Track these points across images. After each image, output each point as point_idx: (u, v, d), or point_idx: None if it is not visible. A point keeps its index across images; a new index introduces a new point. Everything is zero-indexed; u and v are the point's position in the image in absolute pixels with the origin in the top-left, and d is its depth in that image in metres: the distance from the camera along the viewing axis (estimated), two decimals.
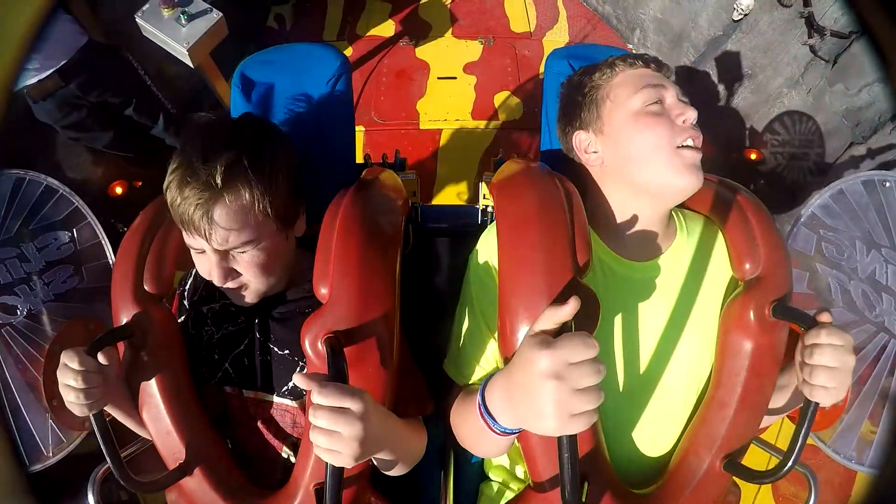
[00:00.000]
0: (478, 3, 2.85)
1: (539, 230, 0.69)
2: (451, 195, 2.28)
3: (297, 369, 0.81)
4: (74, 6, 1.86)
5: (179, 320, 0.87)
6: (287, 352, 0.82)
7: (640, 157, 0.75)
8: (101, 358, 0.72)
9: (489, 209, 1.11)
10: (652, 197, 0.77)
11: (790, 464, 0.66)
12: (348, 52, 2.68)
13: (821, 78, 2.15)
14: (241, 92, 0.98)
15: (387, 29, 2.74)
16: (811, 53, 2.13)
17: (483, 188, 1.10)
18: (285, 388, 0.82)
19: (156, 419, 0.78)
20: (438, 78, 2.59)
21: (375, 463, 0.77)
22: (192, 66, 1.93)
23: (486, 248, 0.80)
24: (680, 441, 0.79)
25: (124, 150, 2.11)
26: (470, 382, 0.82)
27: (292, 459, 0.80)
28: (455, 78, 2.59)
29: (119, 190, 2.03)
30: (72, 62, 1.77)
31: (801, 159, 2.21)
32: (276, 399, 0.82)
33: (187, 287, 0.91)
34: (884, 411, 1.22)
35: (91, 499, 0.79)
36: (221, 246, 0.73)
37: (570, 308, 0.57)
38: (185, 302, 0.90)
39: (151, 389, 0.77)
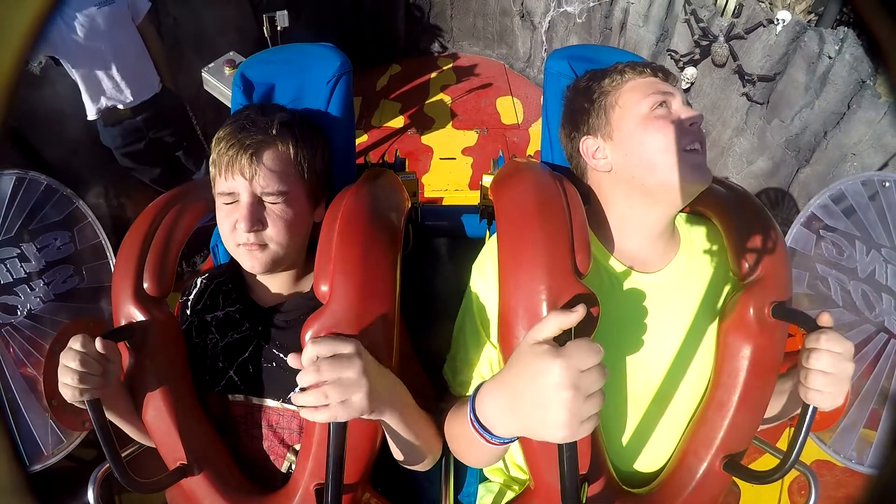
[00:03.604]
0: (474, 102, 3.52)
1: (539, 230, 0.69)
2: None
3: None
4: (154, 52, 2.26)
5: (182, 328, 0.87)
6: None
7: (650, 159, 0.75)
8: (98, 345, 0.71)
9: (489, 209, 1.11)
10: (660, 201, 0.77)
11: (790, 464, 0.66)
12: (364, 138, 3.23)
13: (760, 119, 2.53)
14: (242, 92, 0.98)
15: (396, 122, 3.36)
16: (748, 101, 2.54)
17: (483, 188, 1.09)
18: (292, 392, 0.82)
19: (156, 419, 0.78)
20: (440, 158, 3.14)
21: (398, 451, 0.75)
22: None
23: (489, 258, 0.80)
24: (680, 442, 0.79)
25: (167, 187, 2.36)
26: (464, 392, 0.82)
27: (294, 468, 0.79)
28: (454, 158, 3.14)
29: None
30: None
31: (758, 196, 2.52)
32: (282, 405, 0.82)
33: (191, 296, 0.90)
34: (884, 411, 1.22)
35: (91, 498, 0.79)
36: (261, 188, 0.78)
37: (576, 315, 0.57)
38: (188, 311, 0.89)
39: (152, 389, 0.77)
